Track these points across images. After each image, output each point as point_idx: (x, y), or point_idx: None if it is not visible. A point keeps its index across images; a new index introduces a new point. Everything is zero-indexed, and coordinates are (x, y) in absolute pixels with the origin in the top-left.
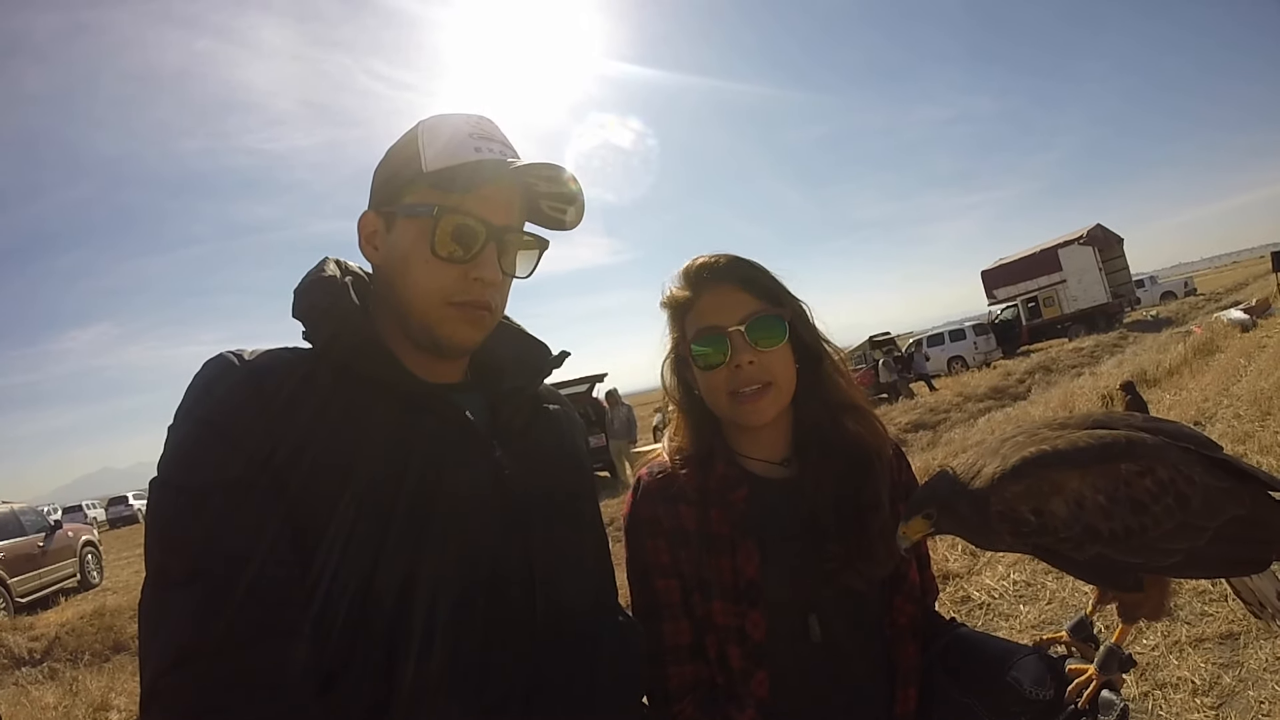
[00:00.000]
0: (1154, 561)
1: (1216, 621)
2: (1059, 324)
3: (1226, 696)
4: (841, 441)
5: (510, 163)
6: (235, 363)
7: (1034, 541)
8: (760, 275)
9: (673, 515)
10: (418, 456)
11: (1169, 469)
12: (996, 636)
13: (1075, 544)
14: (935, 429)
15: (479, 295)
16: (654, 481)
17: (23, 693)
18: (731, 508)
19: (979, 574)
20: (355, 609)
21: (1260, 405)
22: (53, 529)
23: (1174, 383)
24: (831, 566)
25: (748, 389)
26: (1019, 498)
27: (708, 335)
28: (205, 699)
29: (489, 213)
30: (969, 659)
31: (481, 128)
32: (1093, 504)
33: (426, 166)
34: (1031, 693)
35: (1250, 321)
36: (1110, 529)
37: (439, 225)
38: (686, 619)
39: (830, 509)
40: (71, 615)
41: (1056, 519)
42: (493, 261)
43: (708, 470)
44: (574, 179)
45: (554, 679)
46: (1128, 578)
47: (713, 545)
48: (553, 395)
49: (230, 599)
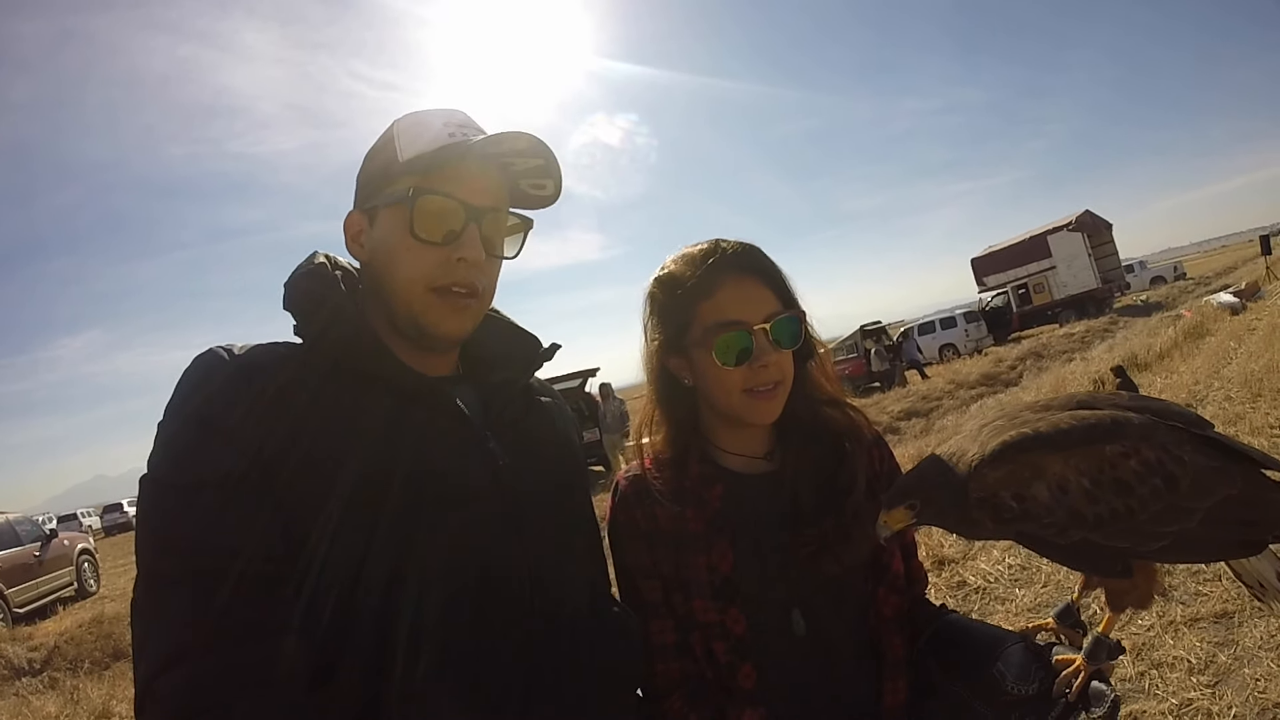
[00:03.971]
0: (1142, 545)
1: (1211, 601)
2: (1049, 310)
3: (1222, 675)
4: (820, 429)
5: (488, 136)
6: (225, 357)
7: (1016, 528)
8: (779, 272)
9: (649, 518)
10: (410, 449)
11: (1156, 449)
12: (984, 623)
13: (1059, 529)
14: (928, 416)
15: (463, 277)
16: (629, 485)
17: (24, 703)
18: (707, 506)
19: (974, 559)
20: (347, 604)
21: (1251, 387)
22: (48, 538)
23: (1165, 366)
24: (808, 553)
25: (763, 387)
26: (999, 483)
27: (731, 330)
28: (199, 698)
29: (467, 194)
30: (957, 647)
31: (456, 118)
32: (1076, 487)
33: (401, 156)
34: (1014, 688)
35: (1240, 305)
36: (1095, 513)
37: (416, 206)
38: (670, 618)
39: (809, 495)
40: (70, 624)
41: (1039, 504)
42: (475, 242)
43: (682, 470)
44: (544, 143)
45: (550, 673)
46: (1115, 563)
47: (689, 544)
48: (544, 388)
49: (221, 596)
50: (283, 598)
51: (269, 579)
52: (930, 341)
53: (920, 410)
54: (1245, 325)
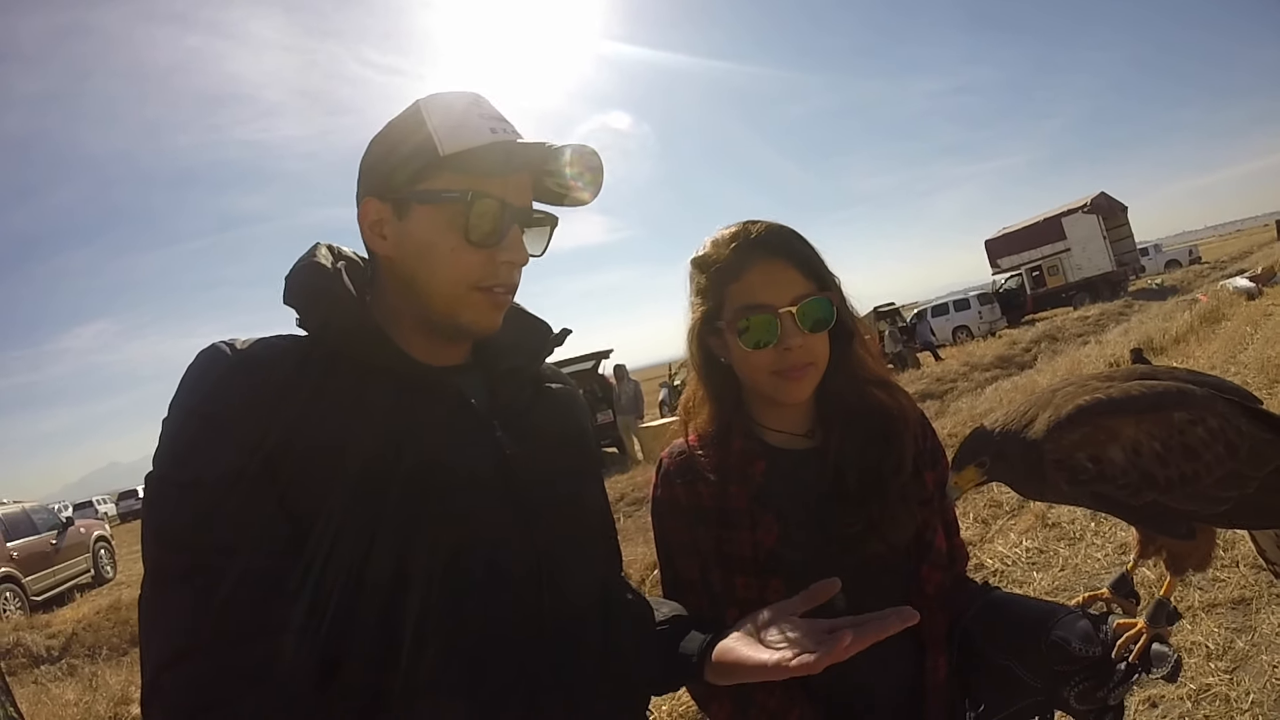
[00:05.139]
0: (1205, 509)
1: (1229, 587)
2: (1063, 293)
3: (1240, 660)
4: (866, 410)
5: (545, 144)
6: (227, 352)
7: (1092, 489)
8: (811, 253)
9: (691, 494)
10: (414, 440)
11: (1219, 418)
12: (1033, 598)
13: (1132, 491)
14: (942, 398)
15: (506, 278)
16: (673, 462)
17: (43, 690)
18: (750, 481)
19: (991, 541)
20: (352, 598)
21: (1268, 373)
22: (64, 526)
23: (1180, 350)
24: (853, 533)
25: (792, 369)
26: (1076, 445)
27: (758, 313)
28: (203, 694)
29: (512, 195)
30: (1007, 620)
31: (486, 109)
32: (1149, 451)
33: (443, 150)
34: (1081, 649)
35: (1256, 289)
36: (1166, 476)
37: (473, 211)
38: (706, 596)
39: (853, 475)
40: (88, 611)
41: (1114, 466)
42: (520, 243)
43: (725, 446)
44: (596, 156)
45: (558, 667)
46: (1181, 525)
47: (731, 520)
48: (555, 374)
49: (225, 592)
50: (286, 593)
51: (272, 574)
52: (944, 323)
53: (934, 392)
54: (1261, 310)
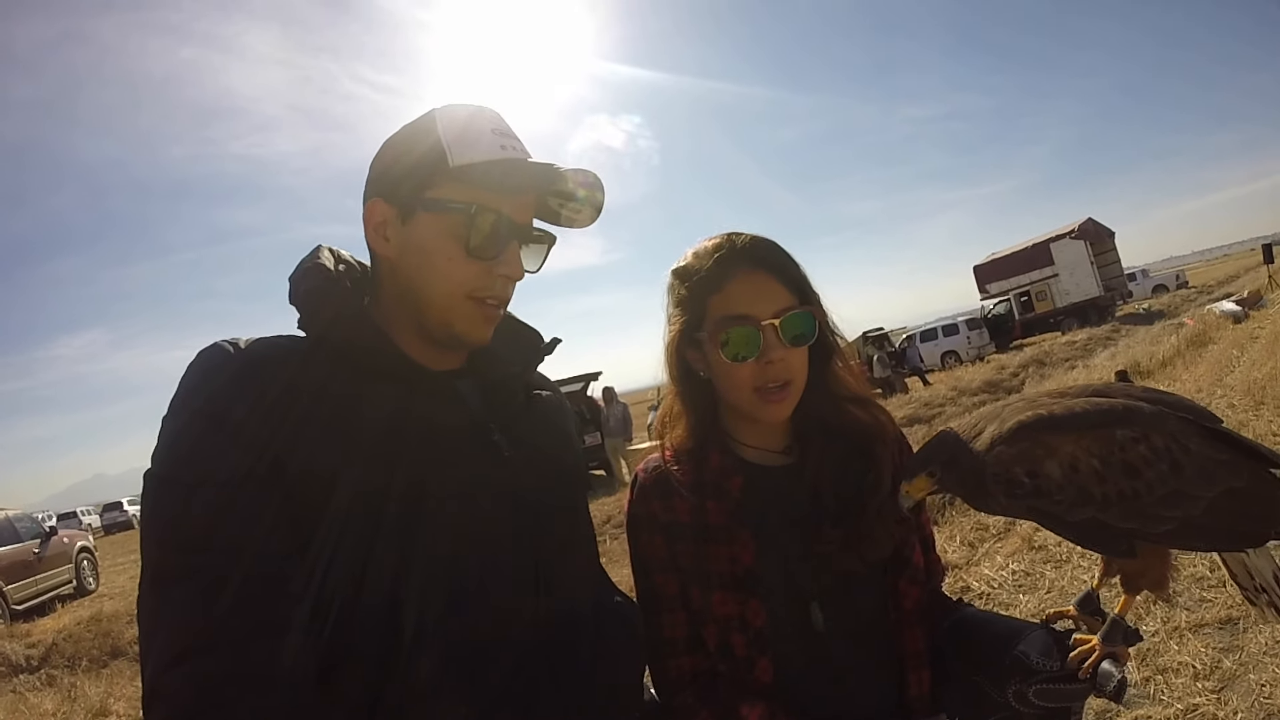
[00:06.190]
0: (1147, 528)
1: (1216, 607)
2: (1051, 318)
3: (1228, 680)
4: (844, 428)
5: (552, 166)
6: (230, 351)
7: (1028, 504)
8: (793, 266)
9: (668, 510)
10: (415, 443)
11: (1164, 437)
12: (1004, 615)
13: (1068, 506)
14: (930, 423)
15: (500, 291)
16: (649, 477)
17: (21, 700)
18: (727, 497)
19: (977, 564)
20: (352, 600)
21: (1254, 395)
22: (48, 535)
23: (1167, 374)
24: (831, 550)
25: (773, 385)
26: (1014, 459)
27: (739, 325)
28: (204, 695)
29: (514, 211)
30: (976, 636)
31: (499, 124)
32: (1086, 467)
33: (452, 161)
34: (1038, 663)
35: (1242, 313)
36: (1103, 493)
37: (475, 223)
38: (683, 611)
39: (830, 493)
40: (68, 621)
41: (1050, 481)
42: (517, 259)
43: (702, 462)
44: (598, 181)
45: (554, 668)
46: (1120, 543)
47: (709, 536)
48: (544, 381)
49: (227, 593)
50: (288, 594)
51: (274, 576)
52: (933, 348)
53: (923, 417)
54: (1248, 333)
